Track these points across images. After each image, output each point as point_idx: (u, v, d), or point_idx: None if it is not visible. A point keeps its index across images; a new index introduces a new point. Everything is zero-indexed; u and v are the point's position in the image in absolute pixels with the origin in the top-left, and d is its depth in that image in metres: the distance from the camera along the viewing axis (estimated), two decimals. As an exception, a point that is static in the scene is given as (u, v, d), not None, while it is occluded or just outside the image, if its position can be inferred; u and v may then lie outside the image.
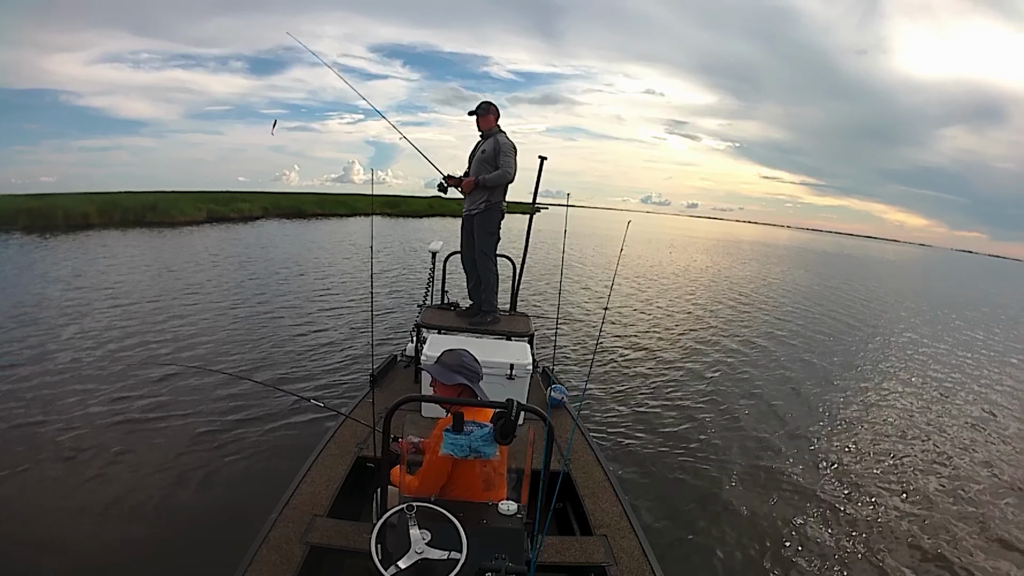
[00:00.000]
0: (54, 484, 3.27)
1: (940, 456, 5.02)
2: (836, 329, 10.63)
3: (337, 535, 2.18)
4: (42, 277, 9.25)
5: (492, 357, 3.25)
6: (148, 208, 21.10)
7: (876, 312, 13.65)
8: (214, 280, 10.04)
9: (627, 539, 2.33)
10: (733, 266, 22.07)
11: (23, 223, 16.11)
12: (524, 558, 1.54)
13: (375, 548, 1.44)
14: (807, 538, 3.45)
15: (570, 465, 2.84)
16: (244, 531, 2.20)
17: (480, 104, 3.90)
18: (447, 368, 1.95)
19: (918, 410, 6.31)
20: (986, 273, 47.78)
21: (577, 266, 16.08)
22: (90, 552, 2.69)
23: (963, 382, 7.78)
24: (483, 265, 4.10)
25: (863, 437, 5.32)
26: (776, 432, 5.16)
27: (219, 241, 16.89)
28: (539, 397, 3.78)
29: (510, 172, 3.84)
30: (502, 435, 1.70)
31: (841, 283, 19.51)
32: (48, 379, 4.83)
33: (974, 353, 9.85)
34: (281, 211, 28.19)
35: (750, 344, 8.68)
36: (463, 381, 1.93)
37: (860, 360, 8.44)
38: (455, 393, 1.94)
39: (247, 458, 3.74)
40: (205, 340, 6.36)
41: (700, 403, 5.73)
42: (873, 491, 4.19)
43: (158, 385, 4.85)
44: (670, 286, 14.26)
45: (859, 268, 30.20)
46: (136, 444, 3.80)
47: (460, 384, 1.94)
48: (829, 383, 7.01)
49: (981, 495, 4.29)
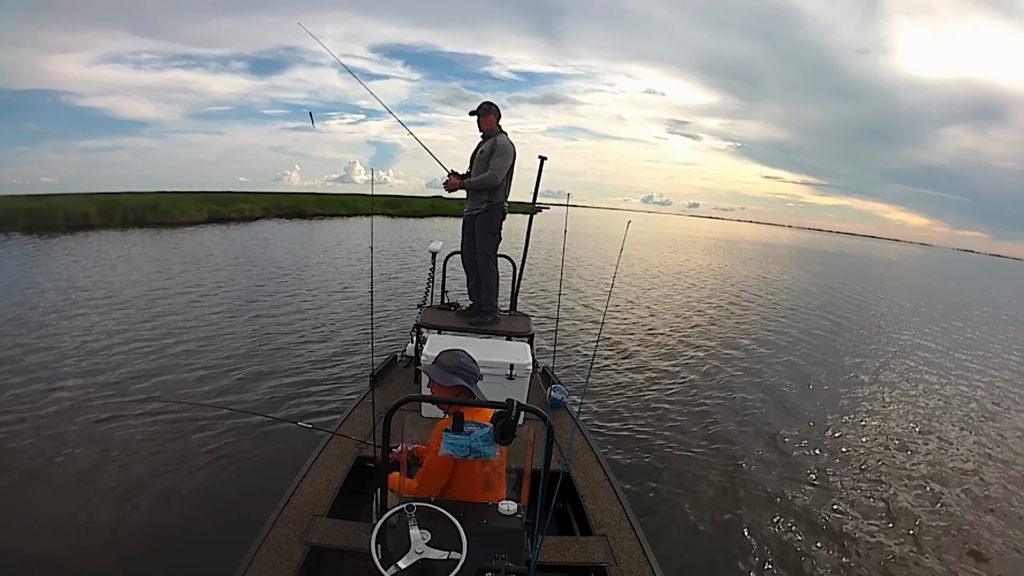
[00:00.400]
0: (52, 483, 3.27)
1: (939, 462, 5.02)
2: (834, 329, 10.63)
3: (337, 535, 2.18)
4: (39, 275, 9.26)
5: (492, 357, 3.25)
6: (148, 209, 21.12)
7: (876, 312, 13.65)
8: (213, 279, 10.04)
9: (627, 539, 2.33)
10: (732, 265, 22.08)
11: (23, 224, 16.11)
12: (524, 558, 1.54)
13: (375, 548, 1.44)
14: (807, 538, 3.45)
15: (570, 465, 2.84)
16: (244, 531, 2.20)
17: (481, 105, 3.90)
18: (445, 369, 1.95)
19: (918, 411, 6.31)
20: (987, 272, 47.70)
21: (577, 267, 16.08)
22: (90, 552, 2.69)
23: (961, 385, 7.77)
24: (484, 265, 4.11)
25: (863, 439, 5.32)
26: (777, 431, 5.16)
27: (220, 241, 16.92)
28: (539, 397, 3.78)
29: (497, 175, 3.80)
30: (502, 435, 1.70)
31: (840, 283, 19.50)
32: (47, 376, 4.83)
33: (971, 352, 9.84)
34: (282, 211, 28.20)
35: (750, 344, 8.68)
36: (461, 382, 1.93)
37: (861, 362, 8.43)
38: (453, 394, 1.94)
39: (247, 458, 3.74)
40: (204, 340, 6.37)
41: (701, 403, 5.73)
42: (873, 492, 4.19)
43: (157, 384, 4.85)
44: (670, 285, 14.26)
45: (859, 268, 30.17)
46: (135, 444, 3.80)
47: (458, 385, 1.93)
48: (830, 384, 7.00)
49: (994, 497, 4.29)
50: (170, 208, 22.00)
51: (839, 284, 19.16)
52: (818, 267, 26.52)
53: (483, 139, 3.95)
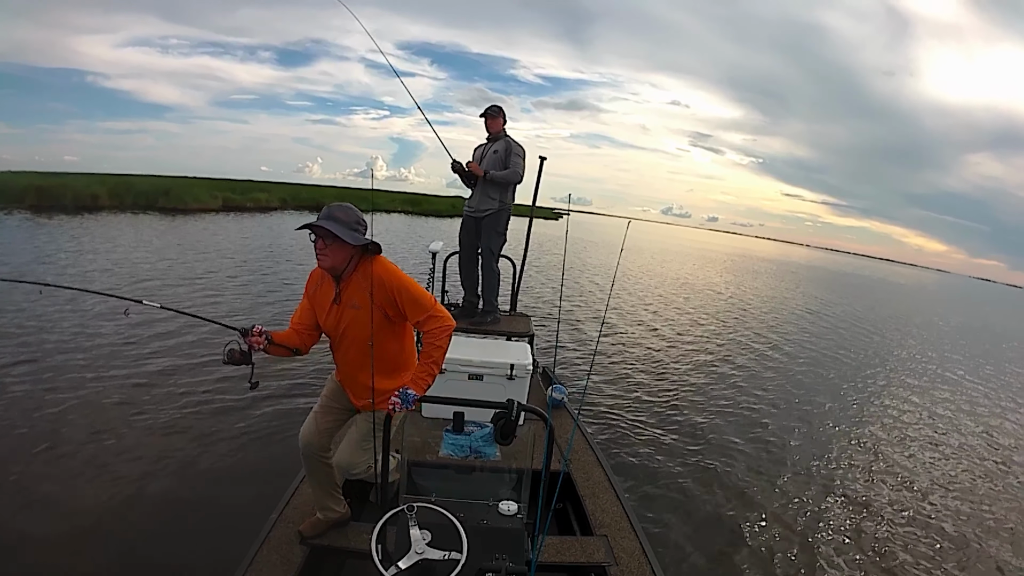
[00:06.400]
0: (51, 482, 3.26)
1: (945, 473, 5.02)
2: (838, 342, 10.65)
3: (337, 535, 2.18)
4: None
5: (492, 357, 3.25)
6: (161, 193, 20.63)
7: (888, 331, 13.64)
8: (216, 269, 9.99)
9: (627, 539, 2.33)
10: (741, 278, 22.05)
11: (30, 202, 15.88)
12: (524, 558, 1.54)
13: (375, 548, 1.44)
14: (808, 538, 3.44)
15: (570, 465, 2.84)
16: (244, 531, 2.20)
17: (491, 107, 4.02)
18: (345, 225, 1.79)
19: (927, 421, 6.32)
20: (1002, 301, 45.96)
21: (580, 269, 16.09)
22: (88, 552, 2.68)
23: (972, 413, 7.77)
24: (487, 265, 4.14)
25: (866, 442, 5.33)
26: (777, 432, 5.16)
27: (234, 229, 16.75)
28: (539, 397, 3.78)
29: (519, 172, 3.96)
30: (502, 435, 1.71)
31: (853, 302, 19.49)
32: (47, 374, 4.82)
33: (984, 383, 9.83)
34: (300, 203, 27.73)
35: (752, 348, 8.70)
36: (366, 240, 1.82)
37: (869, 372, 8.44)
38: (358, 253, 1.86)
39: (247, 458, 3.73)
40: (204, 340, 6.35)
41: (701, 404, 5.73)
42: (875, 494, 4.20)
43: (156, 384, 4.84)
44: (673, 290, 14.27)
45: (874, 291, 29.27)
46: (134, 444, 3.79)
47: (363, 245, 1.82)
48: (834, 388, 7.02)
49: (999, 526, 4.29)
50: (183, 194, 21.46)
51: (852, 304, 19.14)
52: (832, 286, 26.05)
53: (489, 140, 4.07)
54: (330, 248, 1.80)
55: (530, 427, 2.03)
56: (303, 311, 2.02)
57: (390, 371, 1.97)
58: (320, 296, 1.98)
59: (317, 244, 1.81)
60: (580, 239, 30.50)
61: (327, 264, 1.84)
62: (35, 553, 2.63)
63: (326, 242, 1.79)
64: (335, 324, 1.95)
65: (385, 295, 1.84)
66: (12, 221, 13.52)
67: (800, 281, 25.58)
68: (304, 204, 27.70)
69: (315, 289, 2.00)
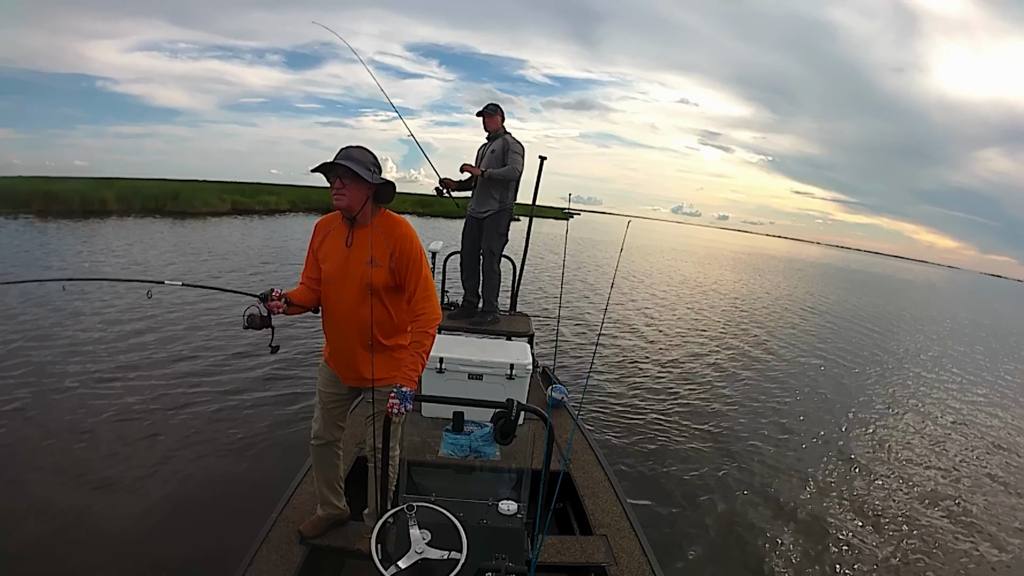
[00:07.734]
0: (50, 481, 3.26)
1: (950, 479, 5.01)
2: (846, 345, 10.63)
3: (337, 535, 2.19)
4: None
5: (492, 357, 3.25)
6: (170, 197, 20.53)
7: (897, 327, 13.61)
8: (218, 272, 10.01)
9: (627, 539, 2.33)
10: (745, 276, 22.02)
11: (38, 207, 15.79)
12: (524, 558, 1.54)
13: (375, 548, 1.44)
14: (808, 539, 3.44)
15: (570, 465, 2.84)
16: (244, 531, 2.20)
17: (488, 105, 4.01)
18: (363, 165, 1.78)
19: (934, 424, 6.30)
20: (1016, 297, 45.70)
21: (586, 268, 16.08)
22: (87, 552, 2.68)
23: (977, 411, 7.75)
24: (488, 264, 4.15)
25: (868, 443, 5.32)
26: (777, 433, 5.16)
27: (242, 233, 16.73)
28: (539, 397, 3.78)
29: (518, 169, 3.96)
30: (502, 435, 1.70)
31: (861, 297, 19.43)
32: (48, 373, 4.83)
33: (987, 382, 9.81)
34: (310, 205, 27.63)
35: (752, 348, 8.69)
36: (383, 179, 1.82)
37: (875, 372, 8.44)
38: (373, 192, 1.84)
39: (247, 458, 3.73)
40: (202, 339, 6.36)
41: (701, 403, 5.72)
42: (876, 495, 4.20)
43: (155, 383, 4.84)
44: (675, 290, 14.25)
45: (884, 287, 29.31)
46: (133, 444, 3.79)
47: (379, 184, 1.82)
48: (832, 391, 7.01)
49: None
50: (192, 197, 21.35)
51: (859, 299, 19.07)
52: (839, 283, 25.99)
53: (489, 139, 4.07)
54: (347, 187, 1.79)
55: (530, 427, 2.03)
56: (311, 265, 2.02)
57: (384, 334, 1.95)
58: (329, 242, 1.97)
59: (334, 184, 1.80)
60: (588, 239, 30.51)
61: (343, 203, 1.82)
62: (35, 553, 2.64)
63: (343, 181, 1.79)
64: (340, 266, 1.91)
65: (401, 255, 1.85)
66: (18, 225, 13.52)
67: (809, 279, 25.55)
68: (314, 207, 27.63)
69: (323, 237, 1.99)
